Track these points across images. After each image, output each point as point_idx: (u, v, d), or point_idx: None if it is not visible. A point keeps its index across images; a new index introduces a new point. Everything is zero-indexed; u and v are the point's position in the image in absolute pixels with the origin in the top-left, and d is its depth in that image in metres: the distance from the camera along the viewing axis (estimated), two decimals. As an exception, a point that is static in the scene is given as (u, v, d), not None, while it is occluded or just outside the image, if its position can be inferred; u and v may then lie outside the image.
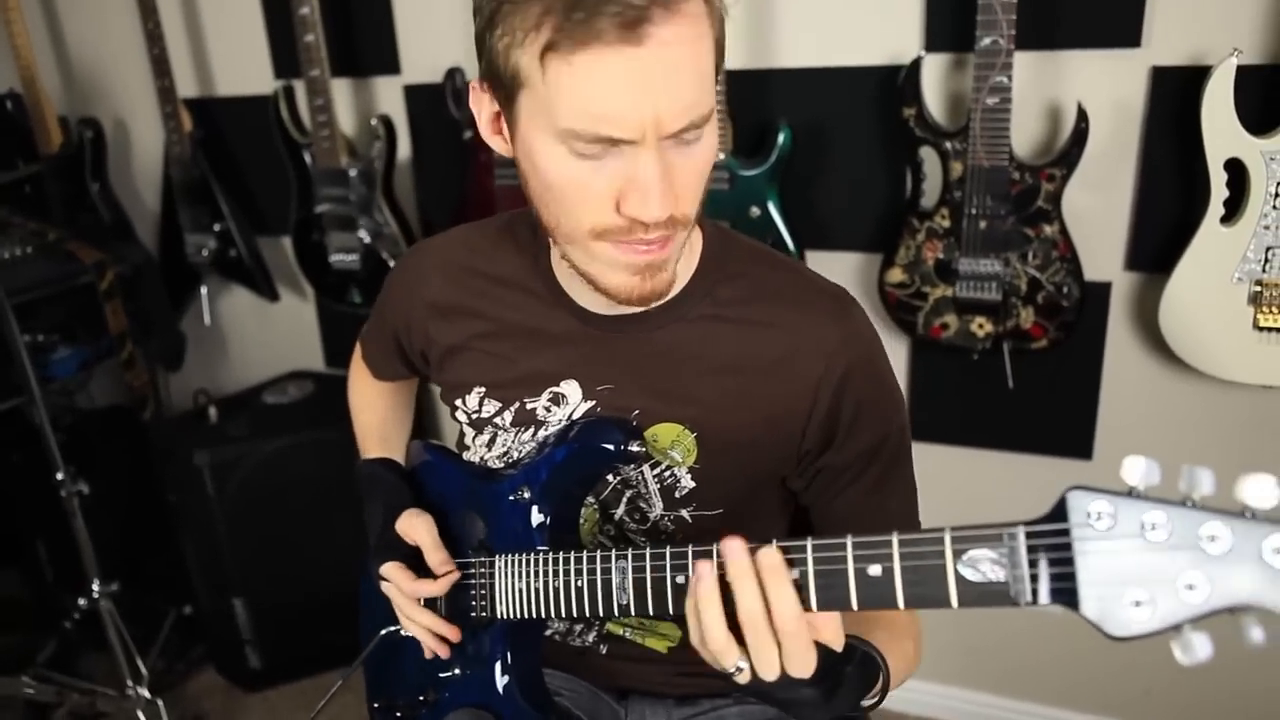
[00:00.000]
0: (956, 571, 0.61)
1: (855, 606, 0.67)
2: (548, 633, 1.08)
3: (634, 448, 0.91)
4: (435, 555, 0.99)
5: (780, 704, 0.77)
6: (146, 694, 2.11)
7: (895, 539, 0.64)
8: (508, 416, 1.00)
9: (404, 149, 2.12)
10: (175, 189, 2.28)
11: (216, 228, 2.28)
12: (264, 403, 2.30)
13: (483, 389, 1.01)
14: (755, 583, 0.70)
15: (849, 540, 0.68)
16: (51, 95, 2.35)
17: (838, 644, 0.74)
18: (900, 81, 1.64)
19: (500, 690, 0.98)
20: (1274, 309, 1.51)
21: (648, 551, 0.81)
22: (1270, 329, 1.52)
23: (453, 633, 0.99)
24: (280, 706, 2.28)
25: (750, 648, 0.71)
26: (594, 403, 0.96)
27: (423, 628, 1.00)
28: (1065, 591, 0.58)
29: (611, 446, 0.92)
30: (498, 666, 0.98)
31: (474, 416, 1.03)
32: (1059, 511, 0.58)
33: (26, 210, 2.30)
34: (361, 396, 1.25)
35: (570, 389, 0.97)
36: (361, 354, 1.23)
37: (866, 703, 0.82)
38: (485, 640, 0.99)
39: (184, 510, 2.22)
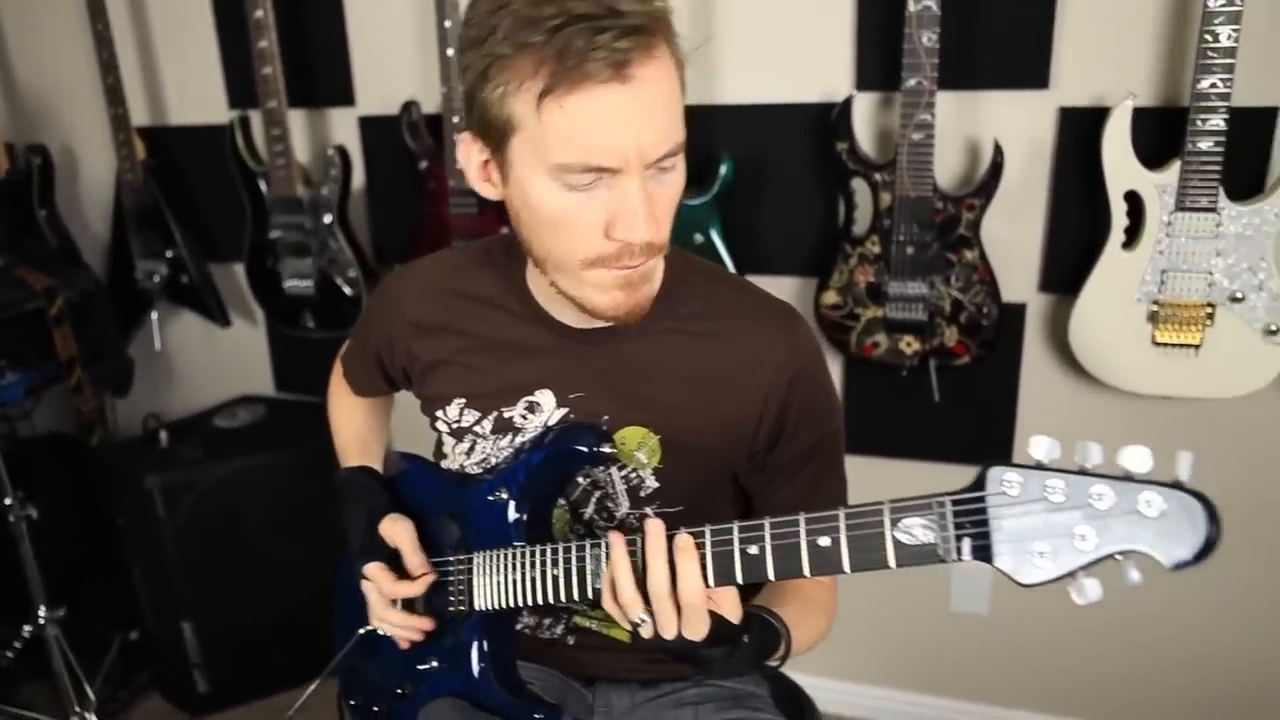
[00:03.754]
0: (894, 537, 0.71)
1: (801, 573, 0.78)
2: (518, 627, 1.15)
3: (605, 449, 1.00)
4: (414, 558, 1.07)
5: (689, 661, 0.89)
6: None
7: (842, 512, 0.74)
8: (487, 425, 1.09)
9: (358, 178, 2.19)
10: (127, 215, 2.31)
11: (168, 254, 2.31)
12: (215, 427, 2.32)
13: (463, 400, 1.10)
14: (665, 559, 0.83)
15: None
16: (-2, 122, 2.38)
17: (735, 616, 0.86)
18: (834, 118, 1.77)
19: (477, 676, 1.05)
20: (1170, 326, 1.67)
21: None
22: (1167, 344, 1.67)
23: (426, 623, 1.07)
24: (229, 730, 2.29)
25: (655, 610, 0.84)
26: (567, 409, 1.05)
27: (393, 625, 1.08)
28: (982, 549, 0.68)
29: (585, 449, 1.00)
30: (474, 655, 1.05)
31: (454, 426, 1.11)
32: (979, 483, 0.69)
33: (-30, 237, 2.31)
34: (341, 412, 1.32)
35: (545, 397, 1.06)
36: (343, 372, 1.31)
37: (771, 663, 0.95)
38: (462, 633, 1.07)
39: (133, 534, 2.22)
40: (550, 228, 0.90)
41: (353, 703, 1.21)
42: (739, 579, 0.81)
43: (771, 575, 0.79)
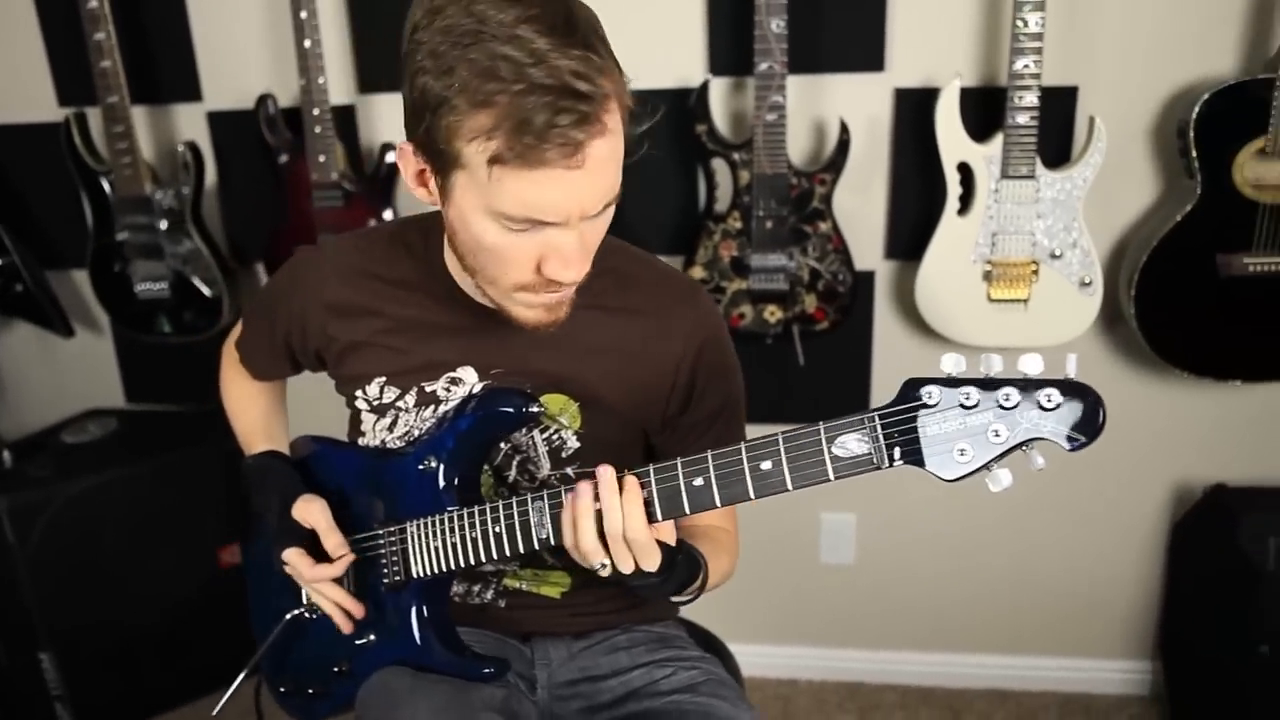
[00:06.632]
0: (831, 452, 0.80)
1: (747, 497, 0.86)
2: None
3: (533, 409, 1.04)
4: (331, 539, 1.09)
5: (632, 587, 0.96)
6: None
7: (780, 435, 0.83)
8: (410, 399, 1.11)
9: (210, 175, 2.12)
10: (-52, 223, 2.15)
11: (-1, 262, 2.17)
12: (63, 443, 2.20)
13: (383, 378, 1.12)
14: (618, 503, 0.89)
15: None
16: None
17: (671, 540, 0.94)
18: (692, 102, 1.87)
19: (419, 642, 1.07)
20: (1002, 283, 1.86)
21: (562, 489, 0.95)
22: (1000, 300, 1.86)
23: (357, 609, 1.09)
24: (99, 761, 2.17)
25: (612, 551, 0.91)
26: (488, 383, 1.10)
27: (331, 603, 1.09)
28: (913, 453, 0.78)
29: (512, 410, 1.04)
30: (414, 622, 1.08)
31: (375, 403, 1.13)
32: (901, 397, 0.79)
33: None
34: (240, 400, 1.31)
35: (466, 374, 1.10)
36: (240, 358, 1.29)
37: (686, 596, 1.03)
38: (398, 603, 1.09)
39: (-22, 562, 2.08)
40: (485, 255, 0.93)
41: (282, 689, 1.20)
42: (686, 510, 0.88)
43: (719, 502, 0.87)
